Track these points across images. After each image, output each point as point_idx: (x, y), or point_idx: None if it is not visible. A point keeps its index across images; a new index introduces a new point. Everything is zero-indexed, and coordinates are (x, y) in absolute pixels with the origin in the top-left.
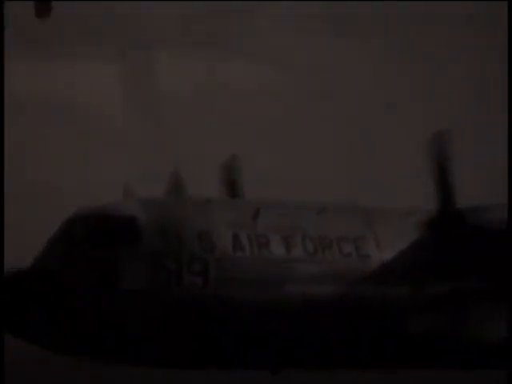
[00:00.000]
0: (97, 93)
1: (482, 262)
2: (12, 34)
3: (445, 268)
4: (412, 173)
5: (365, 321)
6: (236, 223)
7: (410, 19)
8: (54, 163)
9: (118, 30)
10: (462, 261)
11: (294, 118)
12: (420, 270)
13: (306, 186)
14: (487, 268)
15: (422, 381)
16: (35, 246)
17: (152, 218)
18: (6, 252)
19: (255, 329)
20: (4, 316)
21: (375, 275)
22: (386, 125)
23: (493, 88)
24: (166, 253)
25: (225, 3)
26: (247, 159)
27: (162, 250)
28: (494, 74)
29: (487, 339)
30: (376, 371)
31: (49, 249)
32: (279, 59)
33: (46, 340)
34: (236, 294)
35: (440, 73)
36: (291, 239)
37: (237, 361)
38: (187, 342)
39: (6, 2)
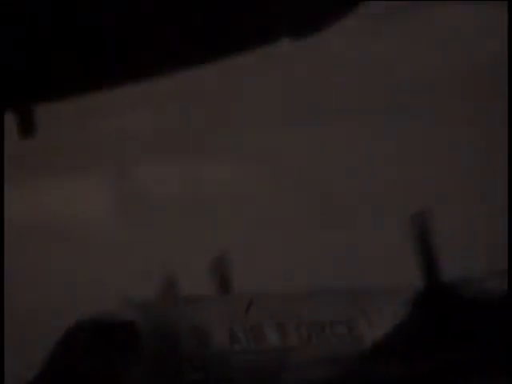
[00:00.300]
0: (79, 210)
1: (472, 335)
2: None
3: (436, 343)
4: (400, 249)
5: None
6: (230, 317)
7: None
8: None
9: (95, 146)
10: (452, 334)
11: (284, 211)
12: (412, 346)
13: (296, 271)
14: (478, 340)
15: None
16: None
17: (149, 321)
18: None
19: None
20: None
21: (369, 355)
22: (372, 202)
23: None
24: (165, 353)
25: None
26: (237, 254)
27: (161, 350)
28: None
29: None
30: None
31: (51, 360)
32: (267, 156)
33: None
34: None
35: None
36: (285, 327)
37: None
38: None
39: None
